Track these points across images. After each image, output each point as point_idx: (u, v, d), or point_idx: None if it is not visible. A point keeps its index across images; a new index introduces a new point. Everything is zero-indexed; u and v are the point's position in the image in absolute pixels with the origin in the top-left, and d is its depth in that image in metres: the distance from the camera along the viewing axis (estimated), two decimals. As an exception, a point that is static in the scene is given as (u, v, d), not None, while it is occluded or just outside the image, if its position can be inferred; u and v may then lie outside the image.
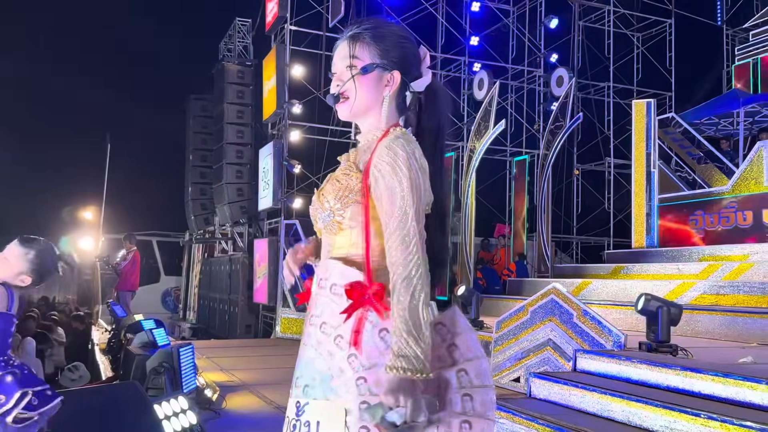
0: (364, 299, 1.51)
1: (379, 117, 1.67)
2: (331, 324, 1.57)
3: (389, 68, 1.64)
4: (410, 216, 1.50)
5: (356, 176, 1.59)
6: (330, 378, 1.53)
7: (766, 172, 9.04)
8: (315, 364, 1.57)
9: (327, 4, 12.07)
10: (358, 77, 1.64)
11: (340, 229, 1.61)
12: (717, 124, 12.44)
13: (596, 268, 10.60)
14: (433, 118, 1.70)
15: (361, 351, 1.51)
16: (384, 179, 1.53)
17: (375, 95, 1.65)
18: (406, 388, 1.39)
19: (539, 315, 5.64)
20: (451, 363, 1.55)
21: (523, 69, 14.76)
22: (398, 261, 1.48)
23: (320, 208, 1.64)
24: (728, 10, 15.50)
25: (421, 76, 1.69)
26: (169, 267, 20.17)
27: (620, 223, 14.23)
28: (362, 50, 1.65)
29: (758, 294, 6.78)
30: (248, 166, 13.81)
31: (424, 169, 1.57)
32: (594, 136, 15.27)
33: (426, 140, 1.66)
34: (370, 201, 1.57)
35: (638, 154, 10.73)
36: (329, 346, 1.56)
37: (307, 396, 1.56)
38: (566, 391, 4.18)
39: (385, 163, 1.54)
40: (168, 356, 4.56)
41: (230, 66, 14.11)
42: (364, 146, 1.68)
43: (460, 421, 1.51)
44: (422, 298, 1.46)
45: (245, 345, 10.46)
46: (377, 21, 1.70)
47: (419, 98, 1.71)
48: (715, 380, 3.60)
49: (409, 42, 1.70)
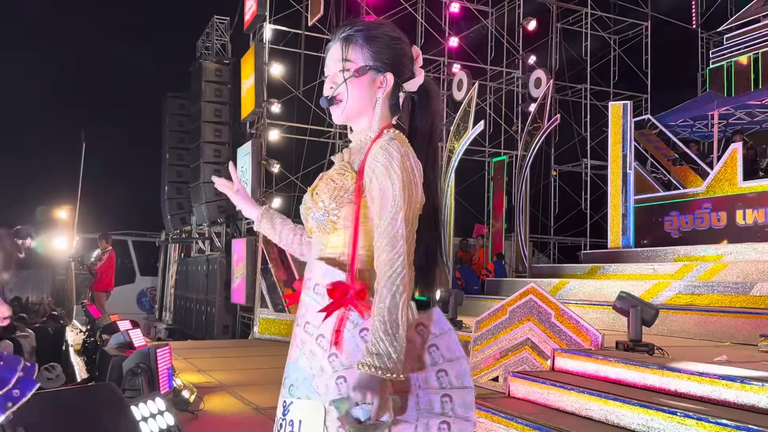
0: (345, 299, 1.52)
1: (372, 118, 1.67)
2: (314, 324, 1.57)
3: (382, 70, 1.65)
4: (400, 218, 1.50)
5: (351, 176, 1.59)
6: (312, 377, 1.54)
7: (740, 173, 9.20)
8: (299, 363, 1.58)
9: (306, 3, 12.03)
10: (351, 80, 1.64)
11: (335, 229, 1.60)
12: (692, 126, 12.63)
13: (573, 268, 10.70)
14: (425, 119, 1.70)
15: (341, 350, 1.51)
16: (377, 180, 1.54)
17: (368, 97, 1.65)
18: (374, 386, 1.40)
19: (518, 314, 5.67)
20: (432, 363, 1.56)
21: (502, 70, 14.85)
22: (384, 261, 1.49)
23: (314, 207, 1.63)
24: (703, 13, 15.75)
25: (414, 77, 1.69)
26: (145, 267, 19.93)
27: (597, 224, 14.38)
28: (354, 52, 1.65)
29: (732, 294, 6.89)
30: (226, 165, 13.65)
31: (417, 171, 1.58)
32: (571, 137, 15.41)
33: (418, 141, 1.67)
34: (362, 201, 1.57)
35: (614, 155, 10.86)
36: (311, 345, 1.56)
37: (292, 395, 1.57)
38: (545, 390, 4.21)
39: (379, 164, 1.54)
40: (145, 357, 4.51)
41: (208, 64, 14.00)
42: (357, 146, 1.67)
43: (439, 422, 1.52)
44: (403, 299, 1.46)
45: (222, 346, 10.37)
46: (370, 22, 1.71)
47: (412, 98, 1.71)
48: (690, 378, 3.65)
49: (401, 42, 1.69)
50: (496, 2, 14.96)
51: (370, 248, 1.56)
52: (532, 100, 13.36)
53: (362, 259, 1.57)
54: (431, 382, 1.54)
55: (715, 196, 9.58)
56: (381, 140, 1.59)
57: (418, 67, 1.71)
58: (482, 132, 13.87)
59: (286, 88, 12.27)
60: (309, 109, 12.21)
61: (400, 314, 1.45)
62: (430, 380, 1.54)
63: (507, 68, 14.84)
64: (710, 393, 3.52)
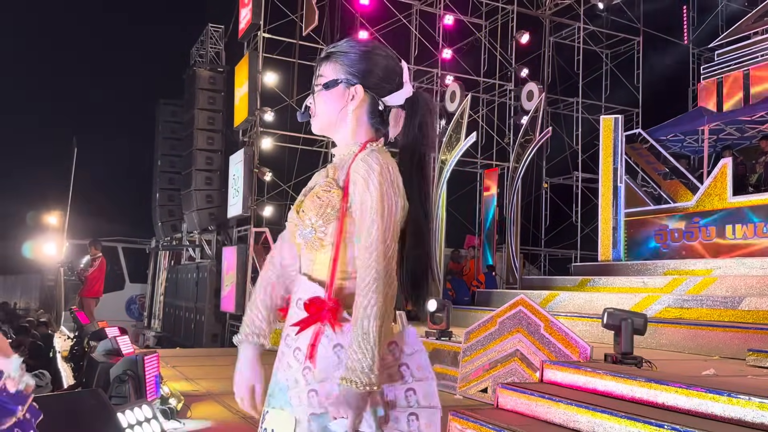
0: (320, 314, 1.54)
1: (348, 131, 1.69)
2: (293, 337, 1.61)
3: (352, 83, 1.67)
4: (375, 229, 1.52)
5: (337, 193, 1.61)
6: (287, 388, 1.58)
7: (730, 188, 9.27)
8: (277, 374, 1.63)
9: (301, 13, 12.07)
10: (320, 93, 1.70)
11: (322, 246, 1.61)
12: (682, 141, 12.73)
13: (563, 280, 10.73)
14: (410, 131, 1.70)
15: (315, 364, 1.54)
16: (358, 192, 1.56)
17: (338, 110, 1.68)
18: (351, 400, 1.44)
19: (507, 326, 5.68)
20: (401, 382, 1.58)
21: (495, 83, 14.93)
22: (360, 274, 1.52)
23: (301, 224, 1.63)
24: (694, 30, 15.91)
25: (400, 89, 1.70)
26: (134, 274, 19.82)
27: (587, 237, 14.43)
28: (327, 68, 1.71)
29: (721, 308, 6.92)
30: (218, 172, 13.68)
31: (397, 183, 1.59)
32: (563, 150, 15.49)
33: (403, 156, 1.68)
34: (347, 217, 1.58)
35: (605, 168, 10.92)
36: (289, 357, 1.60)
37: (269, 405, 1.62)
38: (533, 402, 4.21)
39: (359, 176, 1.57)
40: (132, 364, 4.47)
41: (202, 72, 14.00)
42: (340, 161, 1.69)
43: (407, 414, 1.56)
44: (375, 311, 1.47)
45: (211, 354, 10.32)
46: (352, 39, 1.75)
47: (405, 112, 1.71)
48: (679, 392, 3.66)
49: (380, 57, 1.71)
50: (490, 15, 15.06)
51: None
52: (524, 112, 13.44)
53: (344, 275, 1.59)
54: (400, 401, 1.56)
55: (705, 210, 9.64)
56: (362, 153, 1.61)
57: (405, 80, 1.72)
58: (474, 143, 13.92)
59: (280, 96, 12.30)
60: (302, 118, 12.21)
61: (372, 325, 1.46)
62: (398, 399, 1.56)
63: (500, 80, 14.92)
64: (698, 406, 3.52)
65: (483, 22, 15.07)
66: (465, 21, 14.73)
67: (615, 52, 15.88)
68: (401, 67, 1.73)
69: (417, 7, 14.30)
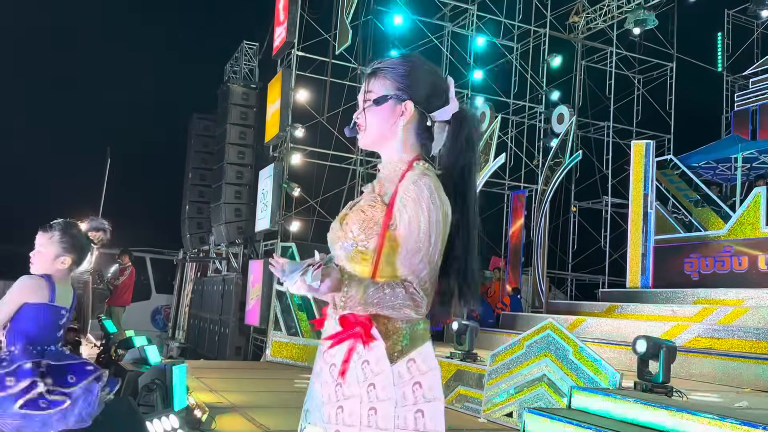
0: (353, 331, 1.56)
1: (397, 146, 1.71)
2: (330, 353, 1.63)
3: (402, 99, 1.69)
4: (422, 253, 1.56)
5: (381, 209, 1.62)
6: (322, 405, 1.60)
7: (763, 217, 9.11)
8: (314, 390, 1.65)
9: (334, 33, 12.22)
10: (371, 109, 1.71)
11: (363, 260, 1.63)
12: (715, 169, 12.56)
13: (590, 305, 10.59)
14: (453, 151, 1.71)
15: (345, 381, 1.56)
16: (407, 213, 1.58)
17: (388, 125, 1.70)
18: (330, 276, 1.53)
19: (534, 349, 5.62)
20: (413, 402, 1.58)
21: (525, 105, 14.91)
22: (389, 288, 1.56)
23: (343, 237, 1.66)
24: (729, 57, 15.76)
25: (446, 106, 1.72)
26: (161, 285, 20.00)
27: (615, 262, 14.26)
28: (376, 84, 1.72)
29: (753, 339, 6.78)
30: (247, 187, 13.83)
31: (445, 209, 1.61)
32: (592, 174, 15.38)
33: (452, 170, 1.70)
34: (387, 235, 1.60)
35: (636, 194, 10.82)
36: (325, 374, 1.62)
37: (306, 420, 1.65)
38: (561, 428, 4.16)
39: (410, 198, 1.58)
40: (161, 374, 4.52)
41: (235, 87, 14.23)
42: (386, 177, 1.71)
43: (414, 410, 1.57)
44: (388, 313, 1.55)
45: (235, 367, 10.36)
46: (399, 56, 1.79)
47: (450, 128, 1.73)
48: (711, 423, 3.59)
49: (428, 73, 1.73)
50: (522, 38, 15.10)
51: None
52: (554, 135, 13.39)
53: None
54: (408, 422, 1.57)
55: (737, 239, 9.48)
56: (413, 174, 1.62)
57: (451, 96, 1.73)
58: (503, 165, 13.90)
59: (311, 113, 12.42)
60: (332, 135, 12.34)
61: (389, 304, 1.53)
62: (408, 420, 1.57)
63: (530, 103, 14.91)
64: (731, 439, 3.45)
65: (514, 45, 15.11)
66: (496, 43, 14.78)
67: (648, 77, 15.78)
68: (448, 83, 1.75)
69: (449, 29, 14.40)
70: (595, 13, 14.74)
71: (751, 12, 14.94)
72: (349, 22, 11.52)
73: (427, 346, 1.63)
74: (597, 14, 14.71)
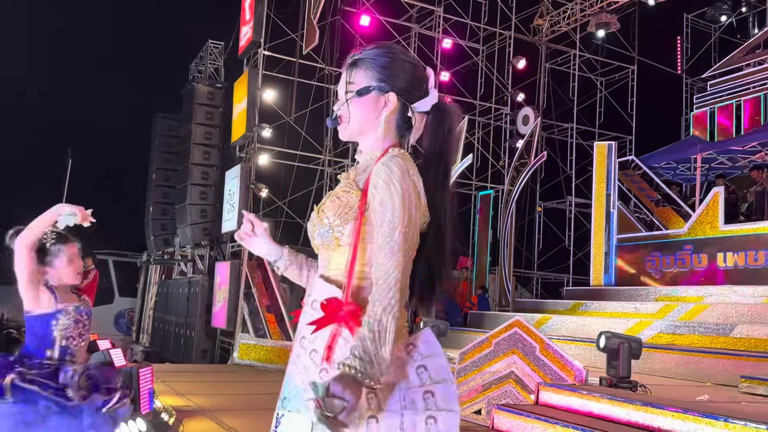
0: (337, 315, 1.54)
1: (377, 137, 1.71)
2: (309, 339, 1.60)
3: (385, 90, 1.69)
4: (398, 232, 1.53)
5: (356, 194, 1.62)
6: (303, 391, 1.56)
7: (721, 217, 9.36)
8: (293, 377, 1.61)
9: (301, 32, 12.18)
10: (353, 100, 1.70)
11: (338, 246, 1.62)
12: (675, 169, 12.86)
13: (556, 303, 10.75)
14: (435, 138, 1.71)
15: (332, 366, 1.52)
16: (378, 195, 1.57)
17: (370, 117, 1.69)
18: (353, 386, 1.41)
19: (502, 347, 5.69)
20: (419, 384, 1.56)
21: (491, 106, 15.07)
22: (380, 274, 1.51)
23: (319, 224, 1.65)
24: (688, 60, 16.17)
25: (426, 96, 1.72)
26: (125, 288, 19.66)
27: (579, 261, 14.50)
28: (358, 75, 1.71)
29: (713, 335, 6.97)
30: (213, 187, 13.69)
31: (417, 188, 1.60)
32: (556, 174, 15.61)
33: (431, 162, 1.69)
34: (364, 219, 1.60)
35: (598, 194, 11.02)
36: (305, 359, 1.59)
37: (284, 408, 1.60)
38: (529, 424, 4.21)
39: (380, 179, 1.57)
40: (127, 377, 4.44)
41: (200, 87, 14.07)
42: (363, 165, 1.71)
43: (425, 417, 1.53)
44: (393, 312, 1.48)
45: (201, 370, 10.25)
46: (378, 46, 1.75)
47: (429, 118, 1.73)
48: (675, 416, 3.68)
49: (409, 64, 1.73)
50: (487, 40, 15.26)
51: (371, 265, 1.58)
52: (519, 136, 13.56)
53: (362, 276, 1.59)
54: (417, 403, 1.54)
55: (697, 238, 9.72)
56: (385, 157, 1.62)
57: (430, 87, 1.74)
58: (470, 165, 14.03)
59: (278, 113, 12.35)
60: (299, 135, 12.29)
61: (389, 326, 1.47)
62: (416, 401, 1.54)
63: (496, 104, 15.07)
64: (694, 430, 3.54)
65: (480, 47, 15.25)
66: (463, 45, 14.90)
67: (610, 79, 16.09)
68: (427, 74, 1.75)
69: (416, 30, 14.47)
70: (559, 17, 14.97)
71: (709, 16, 15.36)
72: (316, 22, 11.49)
73: (427, 331, 1.62)
74: (561, 17, 14.94)
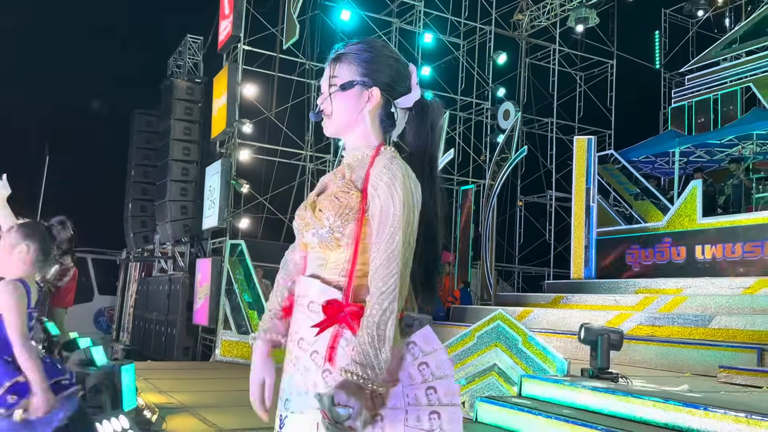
0: (339, 316, 1.55)
1: (362, 133, 1.71)
2: (308, 340, 1.59)
3: (368, 85, 1.68)
4: (398, 237, 1.54)
5: (356, 195, 1.61)
6: (306, 392, 1.56)
7: (699, 210, 9.49)
8: (294, 379, 1.60)
9: (282, 27, 12.10)
10: (336, 95, 1.69)
11: (338, 246, 1.62)
12: (654, 163, 13.00)
13: (537, 297, 10.83)
14: (419, 134, 1.72)
15: (335, 366, 1.54)
16: (379, 198, 1.57)
17: (354, 111, 1.69)
18: (356, 392, 1.43)
19: (485, 340, 5.72)
20: (421, 381, 1.58)
21: (472, 101, 15.12)
22: (379, 277, 1.52)
23: (317, 224, 1.63)
24: (666, 54, 16.34)
25: (408, 92, 1.72)
26: (104, 286, 19.47)
27: (560, 255, 14.61)
28: (342, 69, 1.70)
29: (692, 326, 7.07)
30: (193, 183, 13.57)
31: (417, 191, 1.61)
32: (537, 169, 15.71)
33: (415, 158, 1.69)
34: (364, 219, 1.60)
35: (578, 188, 11.11)
36: (306, 361, 1.59)
37: (287, 410, 1.60)
38: (513, 416, 4.24)
39: (382, 183, 1.58)
40: (108, 375, 4.41)
41: (179, 82, 13.92)
42: (355, 163, 1.70)
43: (428, 412, 1.55)
44: (392, 316, 1.50)
45: (184, 367, 10.17)
46: (363, 41, 1.74)
47: (412, 114, 1.74)
48: (656, 406, 3.73)
49: (392, 59, 1.73)
50: (468, 35, 15.28)
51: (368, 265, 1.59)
52: (500, 131, 13.62)
53: (362, 274, 1.60)
54: (420, 398, 1.56)
55: (676, 231, 9.84)
56: (383, 158, 1.62)
57: (413, 84, 1.74)
58: (451, 160, 14.07)
59: (258, 109, 12.27)
60: (280, 130, 12.22)
61: (388, 330, 1.49)
62: (419, 397, 1.56)
63: (477, 99, 15.12)
64: (675, 420, 3.59)
65: (461, 42, 15.28)
66: (444, 40, 14.92)
67: (589, 74, 16.21)
68: (410, 70, 1.75)
69: (397, 25, 14.46)
70: (539, 11, 15.04)
71: (686, 11, 15.52)
72: (296, 16, 11.42)
73: (427, 329, 1.63)
74: (540, 12, 15.01)
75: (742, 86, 12.12)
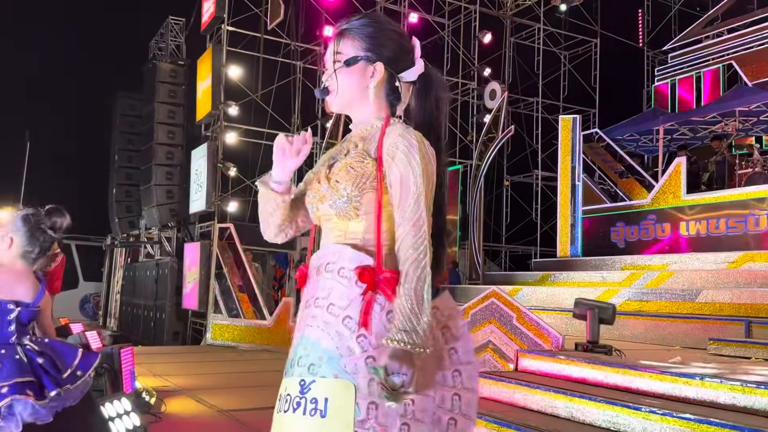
0: (376, 283, 1.58)
1: (369, 108, 1.72)
2: (339, 305, 1.61)
3: (372, 60, 1.70)
4: (422, 202, 1.57)
5: (372, 163, 1.64)
6: (338, 357, 1.57)
7: (683, 186, 9.61)
8: (321, 343, 1.60)
9: (266, 7, 11.97)
10: (341, 70, 1.71)
11: (356, 215, 1.65)
12: (638, 141, 13.11)
13: (525, 275, 10.93)
14: (424, 107, 1.74)
15: (370, 331, 1.57)
16: (398, 166, 1.59)
17: (359, 87, 1.71)
18: (406, 358, 1.48)
19: (480, 317, 5.78)
20: (444, 342, 1.66)
21: (458, 81, 15.10)
22: (409, 244, 1.56)
23: (335, 194, 1.66)
24: (649, 33, 16.42)
25: (412, 66, 1.74)
26: (89, 272, 19.35)
27: (546, 233, 14.75)
28: (345, 45, 1.71)
29: (679, 300, 7.18)
30: (179, 167, 13.47)
31: (433, 158, 1.64)
32: (523, 148, 15.79)
33: (421, 131, 1.70)
34: (383, 187, 1.62)
35: (564, 167, 11.19)
36: (338, 326, 1.60)
37: (314, 374, 1.59)
38: (511, 390, 4.32)
39: (399, 151, 1.60)
40: (108, 358, 4.40)
41: (162, 64, 13.75)
42: (366, 134, 1.71)
43: (451, 394, 1.64)
44: (427, 281, 1.55)
45: (176, 351, 10.17)
46: (365, 15, 1.76)
47: (416, 88, 1.75)
48: (652, 377, 3.81)
49: (395, 33, 1.75)
50: (453, 14, 15.23)
51: (391, 232, 1.62)
52: (486, 111, 13.64)
53: (384, 243, 1.63)
54: (447, 380, 1.64)
55: (660, 208, 9.96)
56: (396, 128, 1.64)
57: (417, 57, 1.75)
58: (437, 141, 14.06)
59: (243, 91, 12.17)
60: (266, 112, 12.14)
61: (426, 294, 1.53)
62: (446, 378, 1.64)
63: (463, 79, 15.11)
64: (671, 390, 3.68)
65: (446, 21, 15.23)
66: (429, 19, 14.85)
67: (573, 53, 16.26)
68: (413, 43, 1.76)
69: (382, 5, 14.35)
70: (523, -10, 15.03)
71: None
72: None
73: (445, 294, 1.70)
74: (525, -9, 15.00)
75: (724, 64, 12.23)
